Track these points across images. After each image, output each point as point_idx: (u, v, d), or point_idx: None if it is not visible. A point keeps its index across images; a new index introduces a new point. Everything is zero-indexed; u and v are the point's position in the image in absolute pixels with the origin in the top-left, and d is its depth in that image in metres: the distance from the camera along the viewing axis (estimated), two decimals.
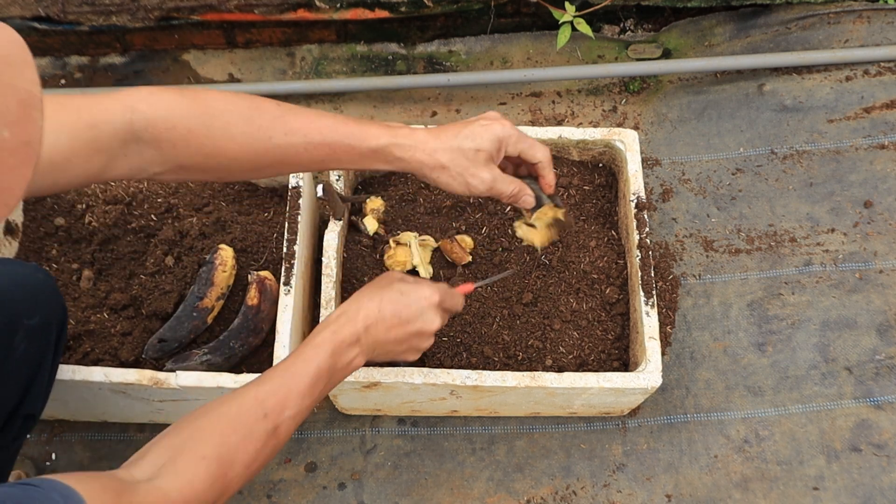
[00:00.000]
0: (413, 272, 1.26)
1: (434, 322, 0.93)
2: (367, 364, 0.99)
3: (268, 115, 0.85)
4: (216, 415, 0.79)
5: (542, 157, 0.96)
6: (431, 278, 1.25)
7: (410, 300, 0.91)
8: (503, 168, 0.97)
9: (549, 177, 0.99)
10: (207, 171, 0.85)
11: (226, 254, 1.24)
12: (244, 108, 0.84)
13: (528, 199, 0.97)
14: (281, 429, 0.82)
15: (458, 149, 0.90)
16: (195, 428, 0.78)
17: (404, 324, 0.91)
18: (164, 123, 0.79)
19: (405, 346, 0.94)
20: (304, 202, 1.27)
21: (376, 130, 0.89)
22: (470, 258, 1.26)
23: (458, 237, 1.28)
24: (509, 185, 0.94)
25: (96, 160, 0.77)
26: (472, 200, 1.33)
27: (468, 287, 1.05)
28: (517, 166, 1.02)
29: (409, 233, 1.28)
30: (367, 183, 1.38)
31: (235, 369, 1.21)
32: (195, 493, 0.73)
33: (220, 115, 0.82)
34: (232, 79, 1.72)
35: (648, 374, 1.14)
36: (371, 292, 0.92)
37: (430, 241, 1.28)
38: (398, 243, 1.26)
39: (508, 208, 1.32)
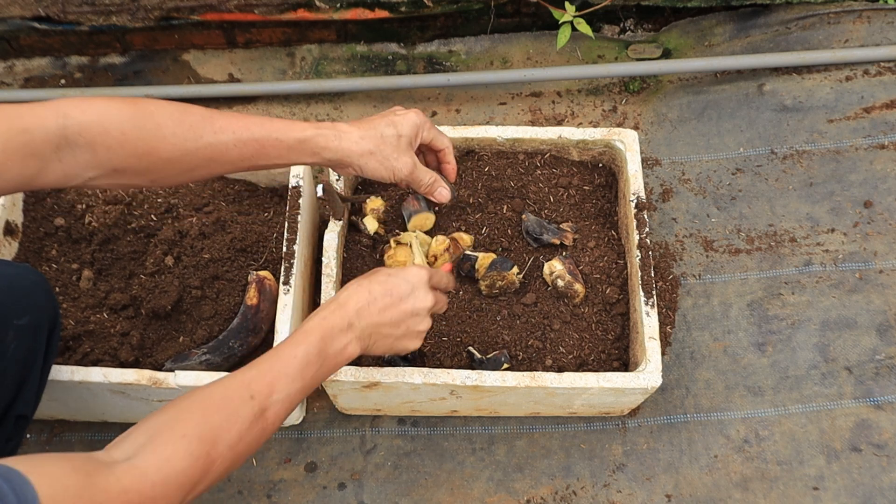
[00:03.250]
0: None
1: (426, 299, 0.94)
2: (367, 357, 0.99)
3: (197, 115, 0.89)
4: (200, 396, 0.79)
5: (447, 143, 1.09)
6: None
7: (399, 279, 0.93)
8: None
9: (452, 161, 1.11)
10: (141, 174, 0.87)
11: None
12: (174, 111, 0.87)
13: (443, 192, 1.08)
14: (269, 412, 0.81)
15: (382, 136, 0.98)
16: (178, 409, 0.77)
17: (396, 302, 0.92)
18: (98, 127, 0.82)
19: (402, 328, 0.94)
20: (304, 202, 1.27)
21: (302, 125, 0.94)
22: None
23: (457, 234, 1.28)
24: (427, 175, 1.04)
25: (30, 164, 0.79)
26: (471, 201, 1.33)
27: (447, 266, 1.12)
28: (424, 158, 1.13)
29: (410, 233, 1.28)
30: (367, 183, 1.38)
31: (234, 369, 1.21)
32: (175, 471, 0.72)
33: (152, 117, 0.85)
34: (232, 79, 1.72)
35: (648, 374, 1.14)
36: (360, 280, 0.94)
37: (431, 241, 1.28)
38: (399, 243, 1.26)
39: (506, 208, 1.32)
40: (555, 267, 1.24)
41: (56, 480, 0.63)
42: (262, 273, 1.24)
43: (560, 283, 1.23)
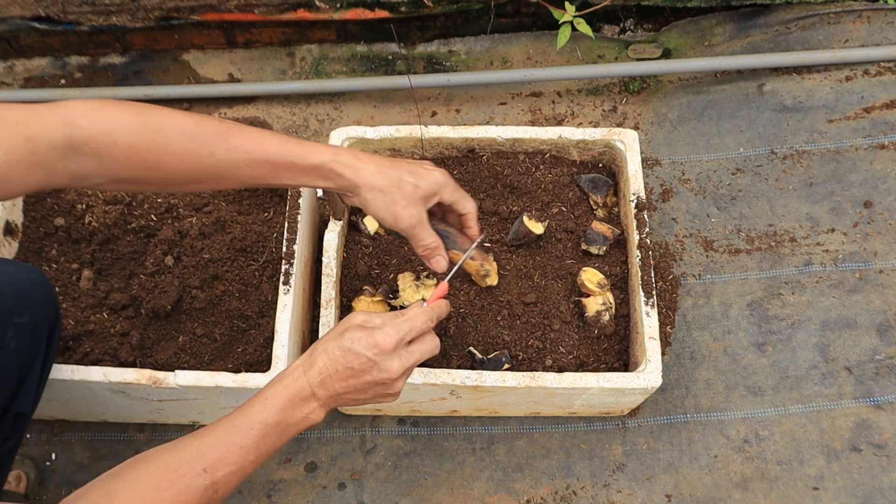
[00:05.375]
0: None
1: (391, 369, 0.86)
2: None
3: (210, 130, 0.86)
4: (155, 464, 0.78)
5: (471, 208, 1.02)
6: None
7: (360, 349, 0.85)
8: (433, 215, 1.01)
9: (475, 228, 1.03)
10: (148, 184, 0.86)
11: None
12: (187, 124, 0.85)
13: (440, 261, 0.99)
14: (220, 484, 0.80)
15: (398, 179, 0.93)
16: (134, 477, 0.77)
17: (359, 375, 0.86)
18: (106, 138, 0.80)
19: (370, 393, 0.88)
20: (304, 202, 1.27)
21: (318, 148, 0.91)
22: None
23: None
24: (430, 237, 0.97)
25: (35, 173, 0.78)
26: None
27: (443, 288, 0.99)
28: (444, 215, 1.06)
29: (406, 274, 1.26)
30: None
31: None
32: None
33: (162, 131, 0.83)
34: (232, 79, 1.72)
35: (648, 375, 1.14)
36: (326, 343, 0.88)
37: (430, 282, 1.25)
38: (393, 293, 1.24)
39: (504, 208, 1.32)
40: (599, 303, 1.22)
41: None
42: None
43: (606, 317, 1.22)
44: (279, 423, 0.83)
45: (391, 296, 1.22)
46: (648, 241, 1.24)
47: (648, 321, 1.18)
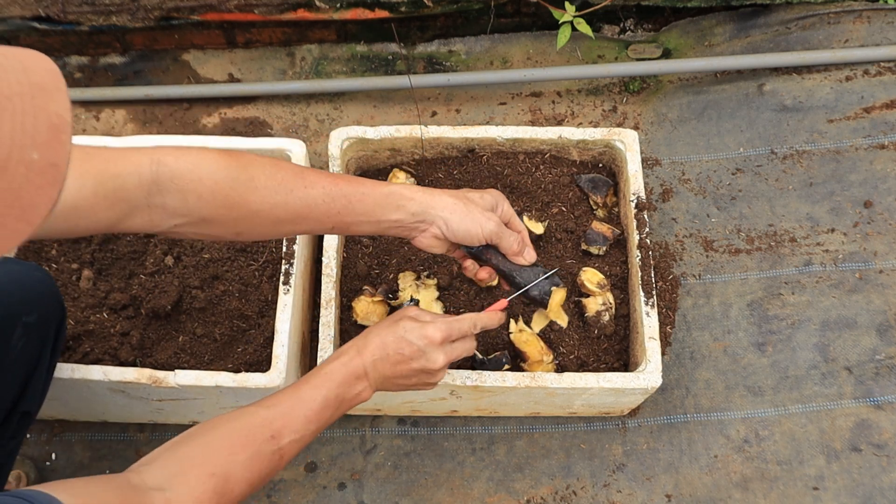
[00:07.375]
0: None
1: (437, 360, 0.95)
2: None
3: (289, 170, 0.90)
4: (226, 430, 0.83)
5: (523, 228, 1.06)
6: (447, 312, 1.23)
7: (412, 338, 0.94)
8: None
9: (524, 248, 1.05)
10: (228, 225, 0.89)
11: None
12: (266, 164, 0.89)
13: (530, 252, 1.05)
14: (285, 450, 0.85)
15: (465, 196, 0.99)
16: (205, 442, 0.82)
17: (407, 361, 0.94)
18: (191, 174, 0.83)
19: (414, 380, 0.97)
20: None
21: (387, 183, 0.97)
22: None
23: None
24: (514, 235, 1.02)
25: (118, 208, 0.80)
26: None
27: (502, 304, 1.07)
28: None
29: (406, 274, 1.26)
30: None
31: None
32: None
33: (246, 169, 0.87)
34: (232, 79, 1.72)
35: (648, 375, 1.14)
36: (380, 329, 0.96)
37: (431, 282, 1.25)
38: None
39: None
40: (599, 303, 1.22)
41: None
42: None
43: (605, 317, 1.22)
44: (337, 397, 0.90)
45: (391, 296, 1.23)
46: (648, 241, 1.24)
47: (648, 321, 1.18)
